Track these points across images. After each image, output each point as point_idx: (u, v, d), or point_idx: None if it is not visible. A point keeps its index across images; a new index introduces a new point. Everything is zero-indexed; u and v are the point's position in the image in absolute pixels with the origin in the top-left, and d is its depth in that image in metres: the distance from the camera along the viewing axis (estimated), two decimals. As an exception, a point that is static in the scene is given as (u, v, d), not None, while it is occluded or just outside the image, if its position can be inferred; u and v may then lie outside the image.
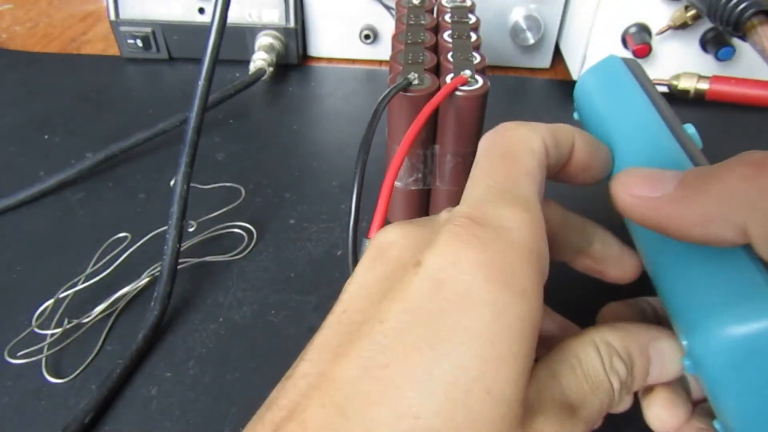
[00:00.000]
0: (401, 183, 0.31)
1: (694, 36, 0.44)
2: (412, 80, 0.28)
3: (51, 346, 0.27)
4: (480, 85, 0.28)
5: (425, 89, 0.28)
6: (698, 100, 0.44)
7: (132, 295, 0.30)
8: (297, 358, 0.16)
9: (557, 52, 0.51)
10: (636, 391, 0.19)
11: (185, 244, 0.32)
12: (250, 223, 0.34)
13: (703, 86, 0.44)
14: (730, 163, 0.15)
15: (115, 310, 0.29)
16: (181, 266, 0.31)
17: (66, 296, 0.30)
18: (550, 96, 0.49)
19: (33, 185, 0.36)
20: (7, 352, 0.27)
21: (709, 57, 0.44)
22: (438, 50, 0.32)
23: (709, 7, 0.35)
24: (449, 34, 0.33)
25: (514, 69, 0.52)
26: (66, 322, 0.28)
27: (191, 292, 0.31)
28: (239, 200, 0.36)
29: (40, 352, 0.27)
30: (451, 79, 0.29)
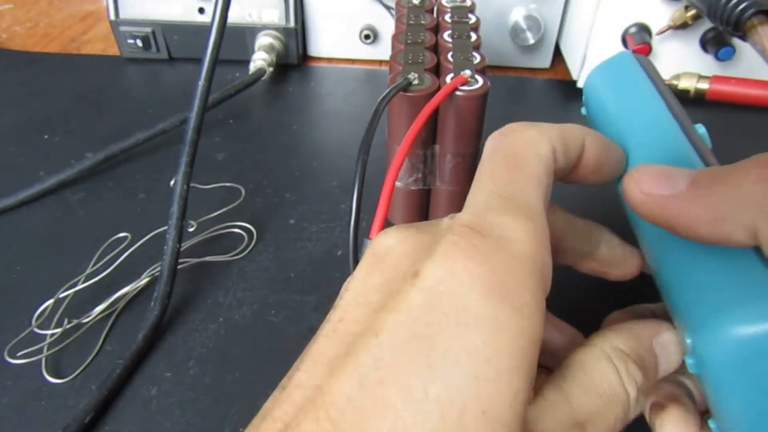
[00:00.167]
0: (401, 183, 0.31)
1: (694, 36, 0.44)
2: (412, 80, 0.28)
3: (51, 346, 0.27)
4: (480, 85, 0.28)
5: (425, 89, 0.28)
6: (698, 100, 0.44)
7: (132, 295, 0.30)
8: (292, 367, 0.16)
9: (557, 52, 0.51)
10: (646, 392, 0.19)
11: (185, 244, 0.32)
12: (250, 223, 0.34)
13: (703, 86, 0.44)
14: (744, 164, 0.15)
15: (115, 310, 0.29)
16: (181, 266, 0.31)
17: (66, 296, 0.30)
18: (550, 96, 0.49)
19: (33, 185, 0.36)
20: (7, 352, 0.27)
21: (709, 57, 0.44)
22: (438, 50, 0.32)
23: (709, 7, 0.35)
24: (449, 34, 0.33)
25: (514, 69, 0.52)
26: (66, 322, 0.28)
27: (191, 292, 0.31)
28: (239, 200, 0.36)
29: (40, 352, 0.27)
30: (451, 79, 0.29)
